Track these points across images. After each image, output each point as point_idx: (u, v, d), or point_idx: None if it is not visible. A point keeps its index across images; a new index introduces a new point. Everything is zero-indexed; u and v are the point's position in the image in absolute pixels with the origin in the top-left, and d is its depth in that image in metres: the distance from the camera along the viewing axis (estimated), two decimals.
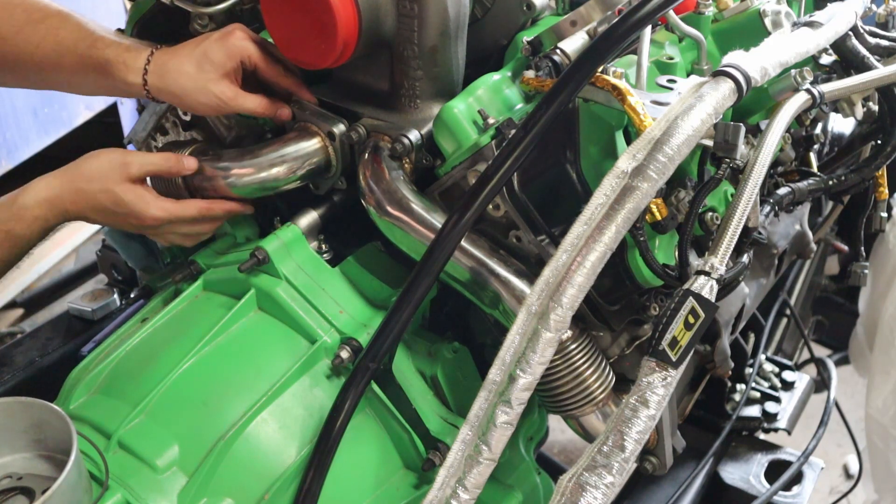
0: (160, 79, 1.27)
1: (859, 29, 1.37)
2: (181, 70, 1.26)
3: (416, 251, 1.20)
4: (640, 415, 1.00)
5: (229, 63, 1.26)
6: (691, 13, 1.33)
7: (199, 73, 1.25)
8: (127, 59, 1.28)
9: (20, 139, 3.09)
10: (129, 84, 1.29)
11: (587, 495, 0.98)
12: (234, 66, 1.27)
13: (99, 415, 1.19)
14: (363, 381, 1.16)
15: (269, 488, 1.15)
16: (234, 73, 1.27)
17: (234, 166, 1.30)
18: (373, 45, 1.25)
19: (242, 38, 1.28)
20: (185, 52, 1.27)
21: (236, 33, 1.28)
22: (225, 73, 1.26)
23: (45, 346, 1.69)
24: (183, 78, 1.26)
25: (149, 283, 1.60)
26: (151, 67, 1.27)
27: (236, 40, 1.27)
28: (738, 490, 1.71)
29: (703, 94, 1.06)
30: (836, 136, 1.72)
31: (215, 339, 1.24)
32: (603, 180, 1.03)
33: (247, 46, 1.27)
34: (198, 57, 1.26)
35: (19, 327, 3.17)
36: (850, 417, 2.13)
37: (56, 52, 1.30)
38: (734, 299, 1.44)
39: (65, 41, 1.30)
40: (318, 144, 1.31)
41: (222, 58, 1.26)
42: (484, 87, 1.24)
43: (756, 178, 1.09)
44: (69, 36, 1.30)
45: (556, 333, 1.03)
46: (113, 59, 1.28)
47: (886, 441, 2.01)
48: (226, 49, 1.26)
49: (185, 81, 1.26)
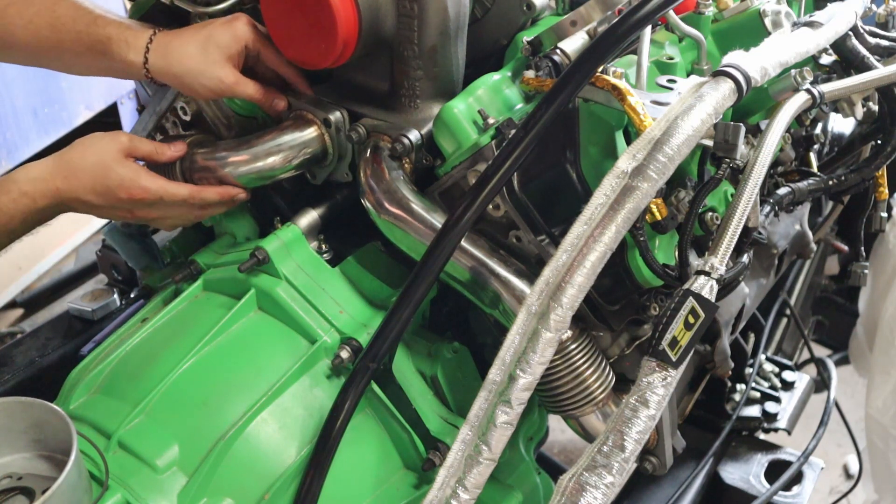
0: (162, 58, 1.27)
1: (859, 29, 1.37)
2: (185, 51, 1.26)
3: (416, 251, 1.20)
4: (640, 415, 1.00)
5: (234, 47, 1.27)
6: (691, 13, 1.33)
7: (203, 55, 1.25)
8: (128, 37, 1.28)
9: (20, 139, 3.09)
10: (129, 63, 1.28)
11: (587, 495, 0.98)
12: (238, 49, 1.27)
13: (99, 415, 1.19)
14: (363, 381, 1.16)
15: (269, 488, 1.15)
16: (237, 58, 1.28)
17: (230, 155, 1.30)
18: (373, 45, 1.25)
19: (247, 24, 1.28)
20: (188, 35, 1.27)
21: (242, 19, 1.29)
22: (229, 56, 1.26)
23: (45, 346, 1.69)
24: (186, 59, 1.26)
25: (149, 283, 1.60)
26: (153, 47, 1.27)
27: (241, 25, 1.28)
28: (738, 490, 1.71)
29: (703, 94, 1.06)
30: (836, 136, 1.72)
31: (215, 339, 1.25)
32: (603, 180, 1.03)
33: (251, 32, 1.28)
34: (202, 39, 1.26)
35: (19, 327, 3.17)
36: (850, 417, 2.13)
37: (52, 27, 1.29)
38: (734, 299, 1.44)
39: (62, 17, 1.29)
40: (315, 133, 1.31)
41: (228, 41, 1.26)
42: (484, 87, 1.24)
43: (756, 178, 1.09)
44: (66, 13, 1.29)
45: (556, 333, 1.03)
46: (114, 37, 1.28)
47: (886, 441, 2.01)
48: (231, 33, 1.26)
49: (188, 62, 1.26)
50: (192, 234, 1.62)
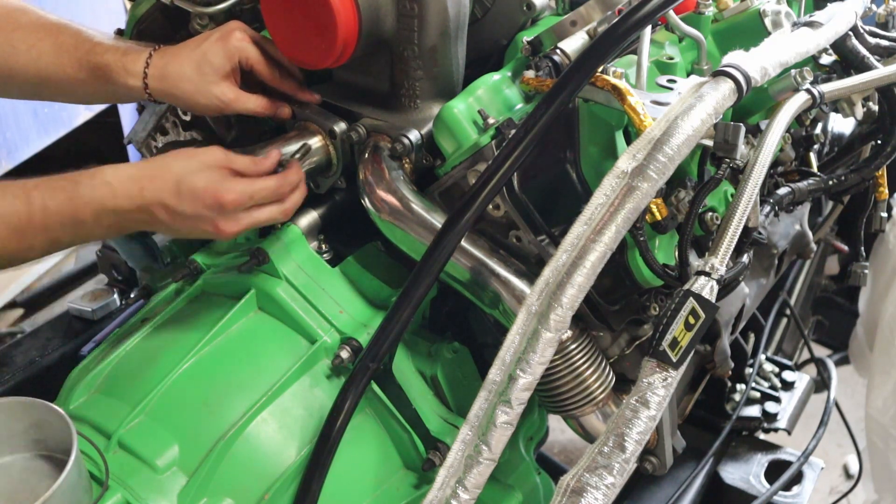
0: (160, 82, 1.27)
1: (859, 29, 1.37)
2: (181, 73, 1.26)
3: (416, 251, 1.20)
4: (640, 415, 1.00)
5: (228, 65, 1.26)
6: (691, 13, 1.33)
7: (199, 75, 1.25)
8: (126, 64, 1.27)
9: (20, 139, 3.08)
10: (131, 88, 1.28)
11: (588, 496, 0.98)
12: (233, 66, 1.26)
13: (99, 415, 1.19)
14: (363, 381, 1.16)
15: (269, 488, 1.15)
16: (233, 74, 1.27)
17: None
18: (373, 45, 1.25)
19: (241, 40, 1.27)
20: (184, 55, 1.27)
21: (235, 34, 1.27)
22: (224, 74, 1.26)
23: (45, 346, 1.69)
24: (183, 81, 1.26)
25: (149, 283, 1.60)
26: (151, 70, 1.27)
27: (235, 41, 1.26)
28: (738, 490, 1.71)
29: (703, 94, 1.06)
30: (836, 136, 1.72)
31: (215, 339, 1.24)
32: (603, 180, 1.03)
33: (245, 48, 1.27)
34: (197, 59, 1.25)
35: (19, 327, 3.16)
36: (850, 417, 2.13)
37: (55, 53, 1.29)
38: (734, 299, 1.44)
39: (64, 44, 1.29)
40: (319, 143, 1.31)
41: (221, 60, 1.25)
42: (484, 87, 1.24)
43: (756, 178, 1.09)
44: (68, 40, 1.29)
45: (556, 333, 1.03)
46: (112, 64, 1.28)
47: (886, 441, 2.01)
48: (224, 51, 1.26)
49: (185, 85, 1.26)
50: None
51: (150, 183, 1.14)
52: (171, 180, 1.14)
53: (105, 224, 1.14)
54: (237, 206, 1.16)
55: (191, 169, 1.15)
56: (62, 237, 1.13)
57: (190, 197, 1.14)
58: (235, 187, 1.16)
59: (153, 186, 1.14)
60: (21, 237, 1.10)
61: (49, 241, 1.13)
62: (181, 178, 1.14)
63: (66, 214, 1.11)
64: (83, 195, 1.12)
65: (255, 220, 1.19)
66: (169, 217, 1.15)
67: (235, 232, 1.18)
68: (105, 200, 1.13)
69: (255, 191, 1.18)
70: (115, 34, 1.45)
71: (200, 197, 1.14)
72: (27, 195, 1.10)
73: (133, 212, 1.14)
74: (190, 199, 1.14)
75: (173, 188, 1.14)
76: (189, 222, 1.16)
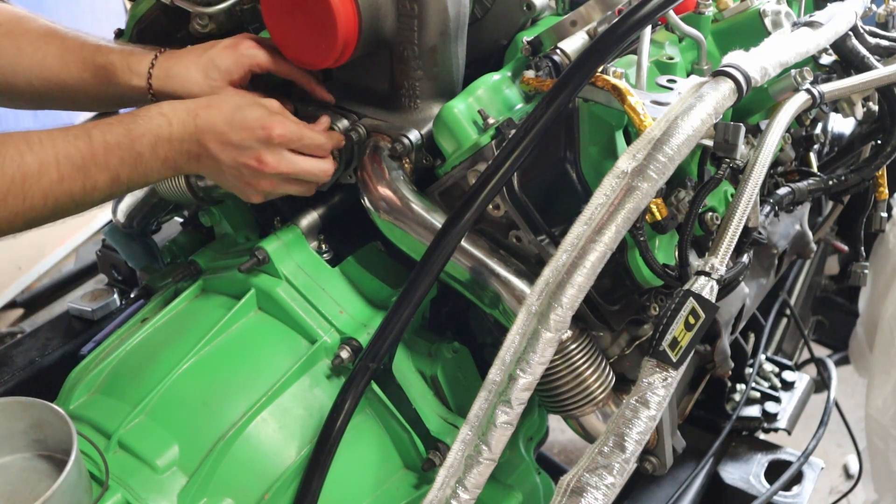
0: (164, 82, 1.27)
1: (859, 29, 1.37)
2: (187, 76, 1.26)
3: (416, 251, 1.20)
4: (640, 415, 1.00)
5: (236, 72, 1.26)
6: (691, 13, 1.33)
7: (205, 79, 1.25)
8: (131, 63, 1.27)
9: None
10: (133, 88, 1.28)
11: (588, 496, 0.98)
12: (241, 74, 1.26)
13: (99, 415, 1.19)
14: (363, 381, 1.16)
15: (269, 488, 1.15)
16: (239, 82, 1.27)
17: None
18: (373, 45, 1.25)
19: (251, 47, 1.27)
20: (190, 58, 1.27)
21: (245, 42, 1.27)
22: (231, 80, 1.26)
23: (45, 346, 1.69)
24: (189, 83, 1.26)
25: (149, 283, 1.60)
26: (155, 71, 1.27)
27: (245, 49, 1.27)
28: (738, 490, 1.71)
29: (703, 94, 1.06)
30: (836, 136, 1.72)
31: (215, 339, 1.25)
32: (603, 180, 1.03)
33: (256, 54, 1.27)
34: (205, 63, 1.26)
35: (19, 327, 3.17)
36: (850, 417, 2.13)
37: (60, 55, 1.29)
38: (734, 299, 1.44)
39: (70, 46, 1.29)
40: None
41: (230, 65, 1.25)
42: (484, 87, 1.24)
43: (756, 178, 1.09)
44: (73, 43, 1.30)
45: (556, 333, 1.03)
46: (117, 63, 1.28)
47: (886, 441, 2.01)
48: (234, 57, 1.26)
49: (191, 87, 1.25)
50: (192, 234, 1.63)
51: (205, 111, 1.17)
52: (225, 109, 1.18)
53: (161, 156, 1.16)
54: (284, 141, 1.18)
55: (246, 102, 1.19)
56: (122, 174, 1.14)
57: (241, 126, 1.17)
58: (286, 122, 1.19)
59: (207, 114, 1.17)
60: (85, 175, 1.11)
61: (111, 180, 1.14)
62: (235, 108, 1.18)
63: (124, 147, 1.13)
64: (140, 126, 1.15)
65: (296, 165, 1.20)
66: (218, 146, 1.17)
67: (276, 169, 1.19)
68: (160, 130, 1.15)
69: (304, 134, 1.21)
70: (115, 34, 1.46)
71: (251, 127, 1.17)
72: (88, 133, 1.12)
73: (186, 142, 1.16)
74: (241, 127, 1.17)
75: (227, 116, 1.17)
76: (235, 153, 1.17)
